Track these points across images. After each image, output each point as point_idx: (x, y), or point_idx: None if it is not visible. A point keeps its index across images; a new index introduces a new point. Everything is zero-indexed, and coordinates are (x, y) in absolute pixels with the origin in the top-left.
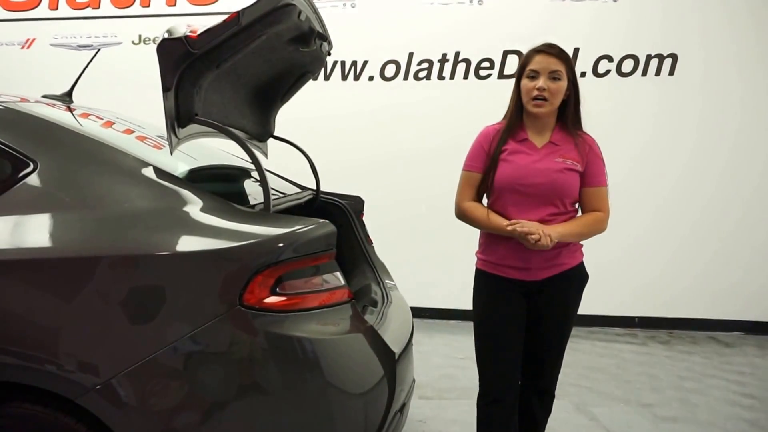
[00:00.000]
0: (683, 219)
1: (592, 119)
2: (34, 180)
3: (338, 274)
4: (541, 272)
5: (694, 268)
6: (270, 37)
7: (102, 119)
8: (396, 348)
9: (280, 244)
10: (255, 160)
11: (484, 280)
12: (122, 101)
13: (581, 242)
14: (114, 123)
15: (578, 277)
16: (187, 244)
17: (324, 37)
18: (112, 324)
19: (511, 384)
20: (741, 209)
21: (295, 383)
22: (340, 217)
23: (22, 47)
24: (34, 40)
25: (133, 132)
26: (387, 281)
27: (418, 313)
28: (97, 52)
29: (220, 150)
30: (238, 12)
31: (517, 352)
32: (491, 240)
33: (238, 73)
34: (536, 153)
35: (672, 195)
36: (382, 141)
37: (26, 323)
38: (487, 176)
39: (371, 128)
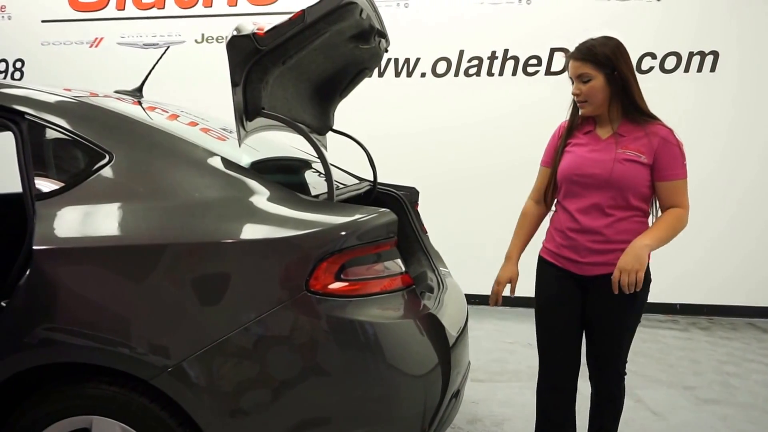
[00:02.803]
0: (723, 209)
1: None
2: (109, 171)
3: (399, 261)
4: (591, 268)
5: (733, 256)
6: (332, 34)
7: (167, 112)
8: (453, 332)
9: (344, 232)
10: (319, 152)
11: (542, 267)
12: (185, 97)
13: None
14: (179, 116)
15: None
16: (256, 232)
17: (383, 35)
18: (183, 309)
19: (570, 372)
20: None
21: (358, 365)
22: (396, 207)
23: (91, 46)
24: (102, 39)
25: (198, 124)
26: (441, 268)
27: (469, 300)
28: (166, 50)
29: (280, 141)
30: (303, 10)
31: (575, 340)
32: (552, 228)
33: (301, 69)
34: (598, 144)
35: (713, 186)
36: (434, 134)
37: (102, 308)
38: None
39: (423, 122)
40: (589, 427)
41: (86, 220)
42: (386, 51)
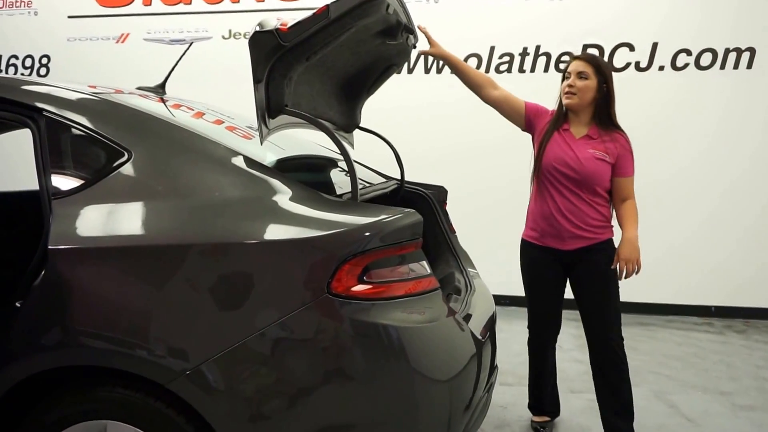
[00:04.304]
0: (759, 208)
1: (670, 111)
2: (128, 169)
3: (424, 263)
4: (572, 242)
5: None
6: (358, 30)
7: (192, 110)
8: (480, 335)
9: (367, 233)
10: (343, 151)
11: (527, 248)
12: (212, 93)
13: (611, 224)
14: (204, 114)
15: (609, 250)
16: (277, 232)
17: (410, 30)
18: (201, 311)
19: (545, 327)
20: None
21: (381, 370)
22: (423, 206)
23: (117, 42)
24: (128, 35)
25: (223, 122)
26: (470, 270)
27: (498, 300)
28: (190, 45)
29: (306, 140)
30: (327, 5)
31: (553, 304)
32: (534, 216)
33: (327, 66)
34: (574, 143)
35: (748, 185)
36: (464, 131)
37: (119, 309)
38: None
39: (453, 119)
40: (598, 397)
41: (103, 220)
42: (414, 47)
